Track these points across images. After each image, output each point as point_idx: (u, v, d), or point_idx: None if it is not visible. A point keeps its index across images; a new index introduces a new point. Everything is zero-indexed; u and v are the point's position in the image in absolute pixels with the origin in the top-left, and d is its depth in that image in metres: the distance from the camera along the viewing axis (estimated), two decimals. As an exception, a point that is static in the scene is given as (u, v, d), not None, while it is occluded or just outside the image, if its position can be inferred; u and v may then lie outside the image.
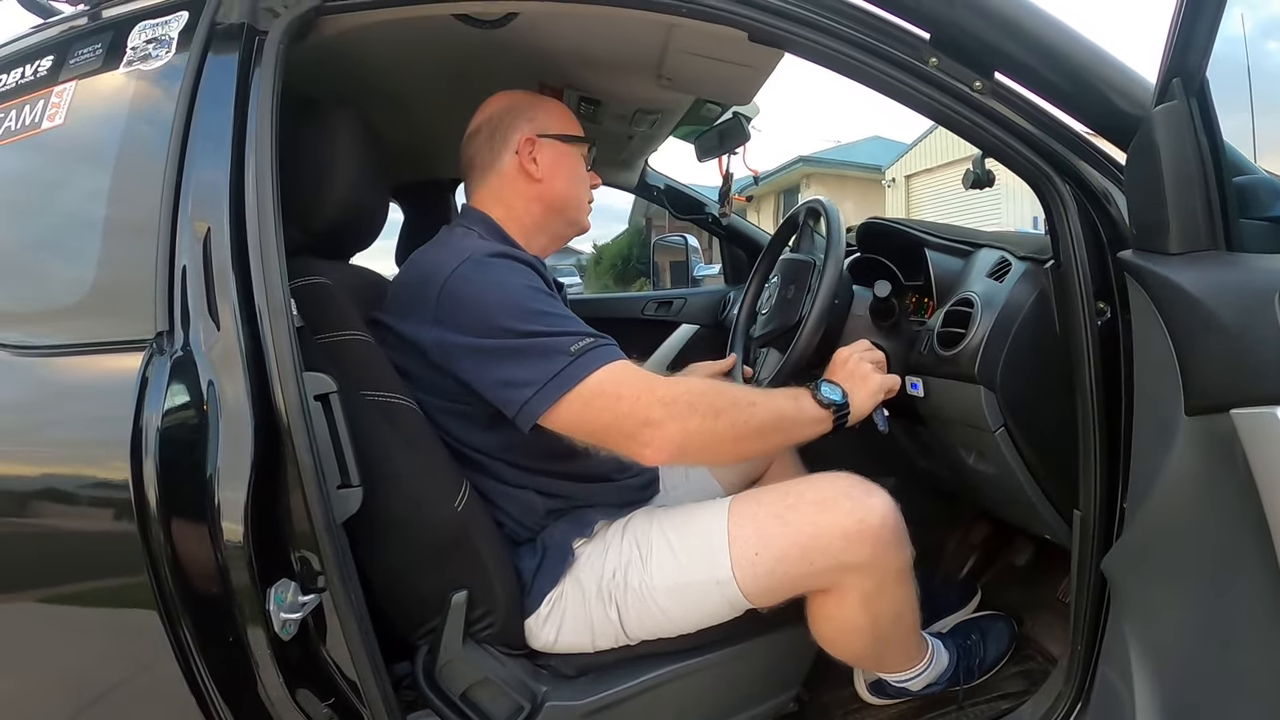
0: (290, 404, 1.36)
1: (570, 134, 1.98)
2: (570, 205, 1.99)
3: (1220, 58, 1.43)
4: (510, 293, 1.64)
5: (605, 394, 1.58)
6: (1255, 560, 1.18)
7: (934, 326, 2.01)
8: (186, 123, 1.48)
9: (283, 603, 1.33)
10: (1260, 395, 1.14)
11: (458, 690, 1.71)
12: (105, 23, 1.66)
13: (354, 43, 1.79)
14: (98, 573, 1.39)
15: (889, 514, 1.67)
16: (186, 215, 1.42)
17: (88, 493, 1.37)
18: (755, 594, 1.68)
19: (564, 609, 1.74)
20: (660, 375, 1.65)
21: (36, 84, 1.63)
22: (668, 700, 1.78)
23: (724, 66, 2.20)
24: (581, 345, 1.58)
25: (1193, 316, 1.26)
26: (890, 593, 1.72)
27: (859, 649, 1.80)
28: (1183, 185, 1.31)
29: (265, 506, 1.33)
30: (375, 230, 2.05)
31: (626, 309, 3.84)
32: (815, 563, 1.65)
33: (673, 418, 1.58)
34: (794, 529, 1.66)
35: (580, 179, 2.00)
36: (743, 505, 1.74)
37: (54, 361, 1.45)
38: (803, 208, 2.42)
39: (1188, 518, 1.36)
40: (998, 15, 1.54)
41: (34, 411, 1.46)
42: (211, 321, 1.37)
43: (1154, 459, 1.41)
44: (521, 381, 1.58)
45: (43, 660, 1.44)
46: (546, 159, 1.93)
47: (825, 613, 1.73)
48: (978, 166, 1.90)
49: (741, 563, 1.66)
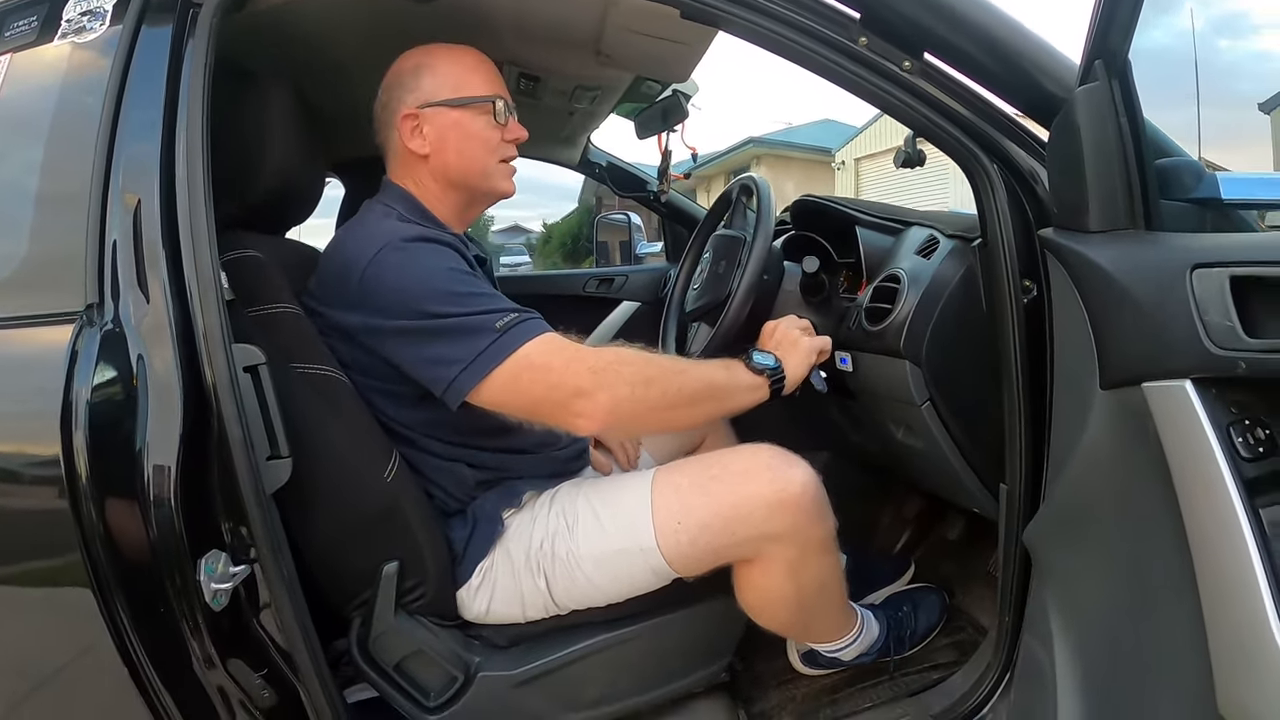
0: (219, 376, 1.36)
1: (458, 97, 1.84)
2: (472, 175, 1.88)
3: (1167, 51, 1.47)
4: (430, 276, 1.63)
5: (534, 366, 1.58)
6: (1167, 530, 1.20)
7: (863, 302, 2.04)
8: (119, 95, 1.47)
9: (213, 573, 1.33)
10: (1171, 369, 1.17)
11: (391, 661, 1.73)
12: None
13: (289, 15, 1.78)
14: (29, 548, 1.39)
15: (810, 484, 1.69)
16: (118, 188, 1.42)
17: (18, 468, 1.37)
18: (679, 563, 1.70)
19: (494, 579, 1.76)
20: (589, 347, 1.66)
21: None
22: (600, 669, 1.80)
23: (660, 44, 2.21)
24: (506, 321, 1.58)
25: (1109, 293, 1.28)
26: (814, 562, 1.74)
27: (785, 618, 1.82)
28: (1103, 165, 1.33)
29: (195, 478, 1.34)
30: (311, 204, 2.05)
31: (568, 286, 3.84)
32: (737, 532, 1.67)
33: (603, 386, 1.58)
34: (716, 499, 1.68)
35: (478, 144, 1.86)
36: (667, 476, 1.76)
37: None
38: (736, 184, 2.44)
39: (1103, 489, 1.39)
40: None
41: None
42: (141, 294, 1.37)
43: (1072, 433, 1.44)
44: (448, 360, 1.59)
45: None
46: (434, 131, 1.84)
47: (750, 582, 1.75)
48: (909, 145, 1.91)
49: (665, 532, 1.68)
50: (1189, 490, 1.16)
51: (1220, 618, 1.14)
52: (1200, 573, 1.15)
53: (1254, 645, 1.07)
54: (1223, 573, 1.12)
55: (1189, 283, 1.16)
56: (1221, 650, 1.14)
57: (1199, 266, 1.16)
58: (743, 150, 25.20)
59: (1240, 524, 1.08)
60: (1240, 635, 1.10)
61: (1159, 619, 1.25)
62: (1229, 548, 1.09)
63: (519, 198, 2.00)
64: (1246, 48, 1.74)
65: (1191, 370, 1.15)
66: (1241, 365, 1.10)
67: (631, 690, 1.86)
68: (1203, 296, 1.15)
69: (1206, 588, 1.15)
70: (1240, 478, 1.09)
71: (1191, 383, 1.15)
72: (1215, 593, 1.14)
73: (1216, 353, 1.12)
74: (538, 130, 2.00)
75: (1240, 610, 1.09)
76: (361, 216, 1.84)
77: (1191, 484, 1.15)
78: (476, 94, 1.84)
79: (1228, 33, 1.74)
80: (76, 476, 1.28)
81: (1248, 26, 1.75)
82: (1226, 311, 1.12)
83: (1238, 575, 1.08)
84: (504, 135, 1.87)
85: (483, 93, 1.84)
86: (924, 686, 2.01)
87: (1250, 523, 1.07)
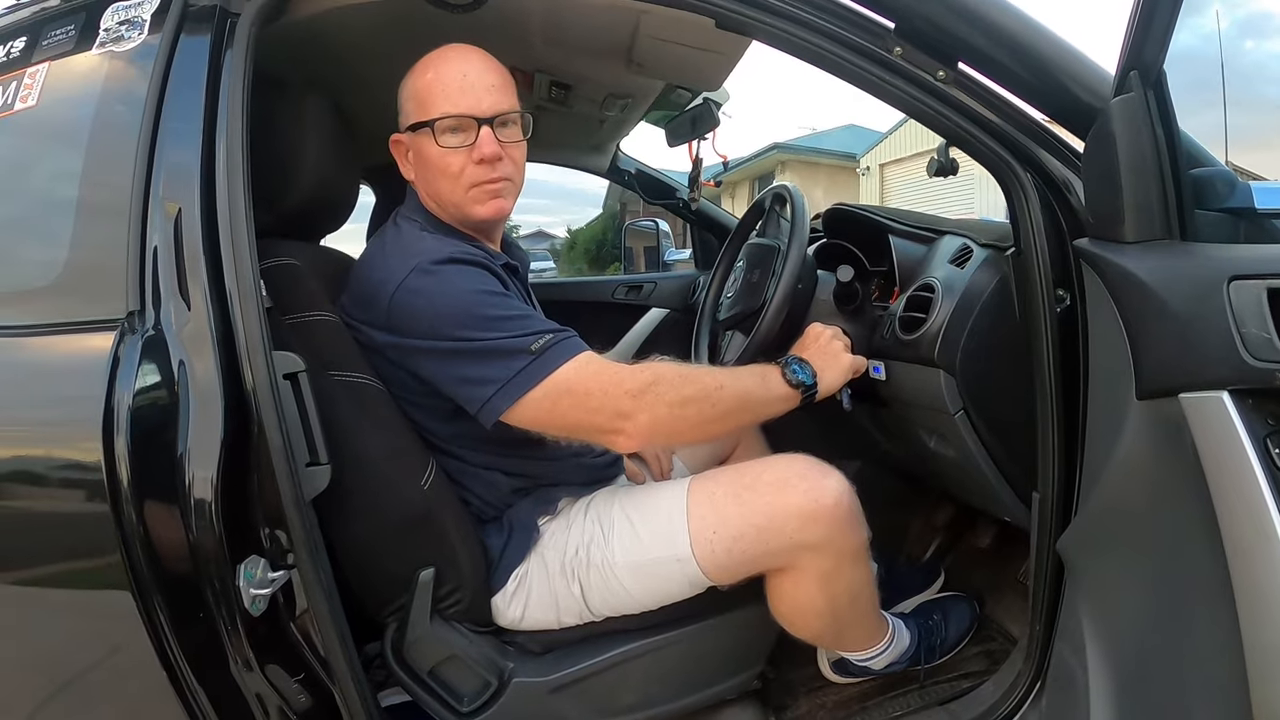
0: (259, 383, 1.38)
1: (413, 122, 1.77)
2: (446, 202, 1.81)
3: (1195, 54, 1.47)
4: (461, 300, 1.63)
5: (573, 391, 1.60)
6: (1202, 539, 1.22)
7: (896, 311, 2.05)
8: (159, 104, 1.49)
9: (252, 579, 1.35)
10: (1208, 380, 1.18)
11: (425, 667, 1.74)
12: (78, 4, 1.66)
13: (325, 25, 1.80)
14: (70, 551, 1.41)
15: (844, 495, 1.70)
16: (158, 196, 1.43)
17: (61, 472, 1.40)
18: (714, 571, 1.72)
19: (530, 586, 1.77)
20: (626, 364, 1.66)
21: (9, 65, 1.63)
22: (632, 676, 1.82)
23: (693, 52, 2.24)
24: (543, 343, 1.59)
25: (1145, 303, 1.29)
26: (847, 573, 1.75)
27: (818, 628, 1.83)
28: (1138, 175, 1.34)
29: (235, 484, 1.36)
30: (345, 212, 2.07)
31: (597, 293, 3.86)
32: (771, 542, 1.69)
33: (643, 409, 1.60)
34: (750, 509, 1.69)
35: (437, 173, 1.77)
36: (702, 485, 1.77)
37: (27, 342, 1.47)
38: (769, 193, 2.45)
39: (1138, 499, 1.40)
40: (961, 6, 1.57)
41: (5, 392, 1.47)
42: (182, 301, 1.39)
43: (1107, 442, 1.45)
44: (483, 379, 1.60)
45: (15, 642, 1.47)
46: (414, 156, 1.82)
47: (782, 591, 1.77)
48: (942, 155, 1.92)
49: (700, 541, 1.69)
50: (1226, 501, 1.17)
51: (1257, 624, 1.16)
52: (1237, 581, 1.17)
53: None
54: (1260, 581, 1.14)
55: (1226, 294, 1.18)
56: (1257, 656, 1.16)
57: (1236, 278, 1.18)
58: (767, 156, 25.23)
59: (1277, 534, 1.09)
60: (1277, 640, 1.12)
61: (1193, 627, 1.27)
62: (1266, 557, 1.11)
63: (543, 203, 2.00)
64: (1273, 49, 1.75)
65: (1228, 382, 1.17)
66: (1278, 376, 1.12)
67: (665, 697, 1.87)
68: (1240, 308, 1.17)
69: (1243, 595, 1.17)
70: (1277, 488, 1.11)
71: (1229, 394, 1.16)
72: (1252, 600, 1.16)
73: (1254, 364, 1.14)
74: (568, 138, 2.01)
75: (1277, 617, 1.11)
76: (390, 230, 1.84)
77: (1229, 494, 1.16)
78: (427, 116, 1.75)
79: (1254, 34, 1.75)
80: (118, 481, 1.30)
81: (1274, 28, 1.75)
82: (1264, 323, 1.14)
83: (1275, 583, 1.10)
84: (470, 157, 1.75)
85: (432, 114, 1.74)
86: (954, 695, 2.02)
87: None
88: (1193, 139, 1.49)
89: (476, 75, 1.75)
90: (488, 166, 1.75)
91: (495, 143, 1.74)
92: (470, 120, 1.73)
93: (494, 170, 1.76)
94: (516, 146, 1.81)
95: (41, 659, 1.48)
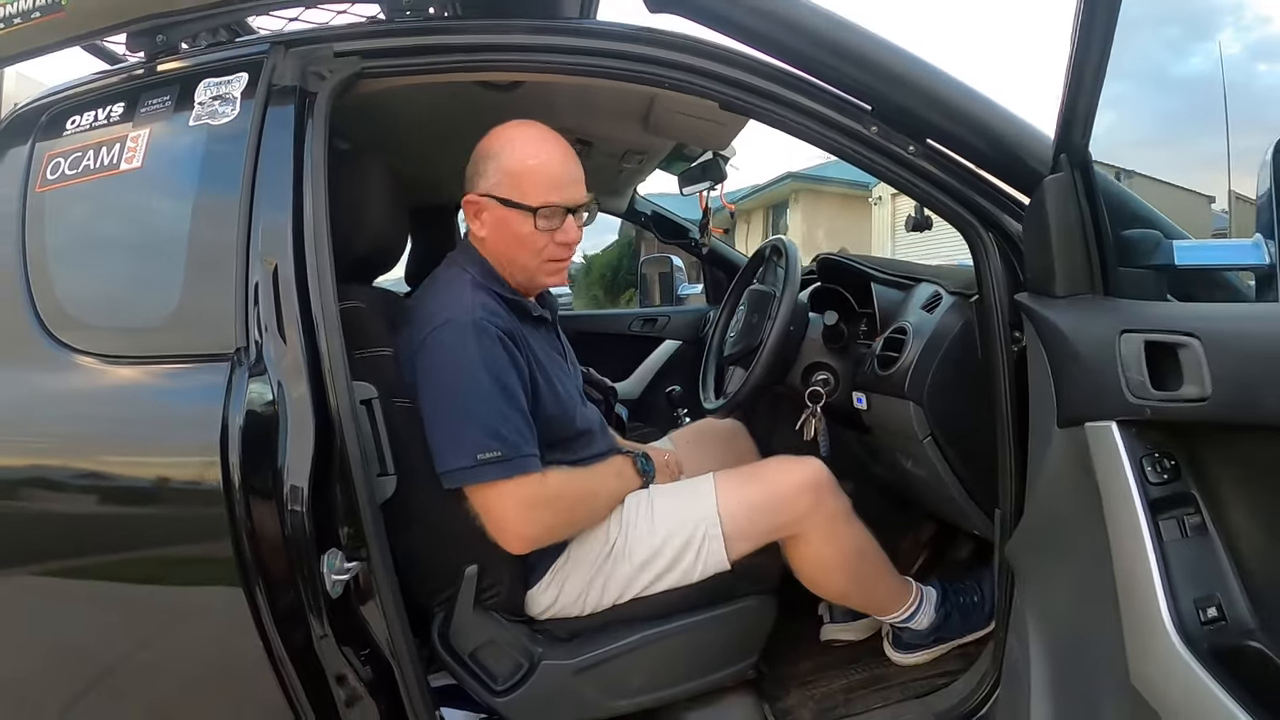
0: (343, 407, 1.61)
1: (510, 199, 1.93)
2: (516, 267, 2.00)
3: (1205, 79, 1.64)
4: (463, 371, 1.83)
5: (487, 508, 1.86)
6: (1105, 541, 1.41)
7: (875, 350, 2.29)
8: (254, 172, 1.70)
9: (332, 568, 1.58)
10: (1103, 412, 1.39)
11: (466, 650, 1.95)
12: (171, 75, 1.85)
13: (384, 99, 2.03)
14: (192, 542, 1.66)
15: (822, 471, 2.08)
16: (257, 250, 1.65)
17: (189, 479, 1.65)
18: (735, 540, 2.01)
19: (563, 580, 2.00)
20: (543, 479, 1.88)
21: (110, 127, 1.80)
22: (644, 661, 2.03)
23: (702, 122, 2.49)
24: (488, 457, 1.80)
25: (1064, 349, 1.50)
26: (844, 528, 2.09)
27: (842, 583, 2.15)
28: (1066, 242, 1.55)
29: (321, 490, 1.58)
30: (397, 255, 2.32)
31: (614, 325, 4.05)
32: (782, 512, 2.04)
33: (538, 533, 1.91)
34: (763, 486, 2.08)
35: (520, 246, 1.96)
36: (725, 475, 2.12)
37: (148, 369, 1.70)
38: (768, 244, 2.73)
39: (1062, 509, 1.60)
40: (925, 94, 1.81)
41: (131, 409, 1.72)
42: (280, 339, 1.61)
43: (1038, 462, 1.66)
44: (437, 449, 1.84)
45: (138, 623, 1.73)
46: (491, 219, 1.97)
47: (799, 554, 2.08)
48: (918, 213, 2.12)
49: (726, 513, 2.02)
50: (1111, 507, 1.38)
51: (1129, 607, 1.35)
52: (1117, 573, 1.37)
53: (1149, 627, 1.29)
54: (1131, 572, 1.34)
55: (1117, 344, 1.38)
56: (1129, 633, 1.36)
57: (1126, 331, 1.38)
58: (781, 185, 24.88)
59: (1144, 533, 1.31)
60: (1141, 618, 1.32)
61: (1101, 615, 1.43)
62: (1135, 550, 1.32)
63: None
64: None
65: (1116, 414, 1.37)
66: (1148, 411, 1.33)
67: (670, 681, 2.07)
68: (1126, 356, 1.37)
69: (1121, 584, 1.37)
70: (1147, 498, 1.32)
71: (1116, 424, 1.37)
72: (1126, 588, 1.36)
73: (1133, 401, 1.34)
74: (588, 183, 2.20)
75: (1141, 600, 1.31)
76: (440, 274, 2.06)
77: (1114, 502, 1.37)
78: (528, 203, 1.91)
79: (1267, 58, 1.84)
80: (232, 487, 1.55)
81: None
82: (1140, 369, 1.35)
83: (1142, 573, 1.30)
84: (554, 239, 1.96)
85: (534, 203, 1.91)
86: (930, 690, 2.19)
87: (1151, 532, 1.30)
88: (1140, 201, 1.72)
89: (574, 170, 1.99)
90: (566, 247, 1.99)
91: (578, 230, 1.99)
92: (562, 210, 1.95)
93: (569, 250, 2.01)
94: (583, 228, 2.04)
95: (162, 628, 1.73)
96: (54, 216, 1.78)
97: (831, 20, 1.79)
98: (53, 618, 1.73)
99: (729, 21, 1.80)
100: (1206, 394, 1.28)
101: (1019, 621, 1.79)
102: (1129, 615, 1.37)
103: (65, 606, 1.72)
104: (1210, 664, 1.24)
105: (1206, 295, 1.68)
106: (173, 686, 1.77)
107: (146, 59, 1.91)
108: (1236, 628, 1.31)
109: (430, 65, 1.91)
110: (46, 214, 1.78)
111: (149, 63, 1.90)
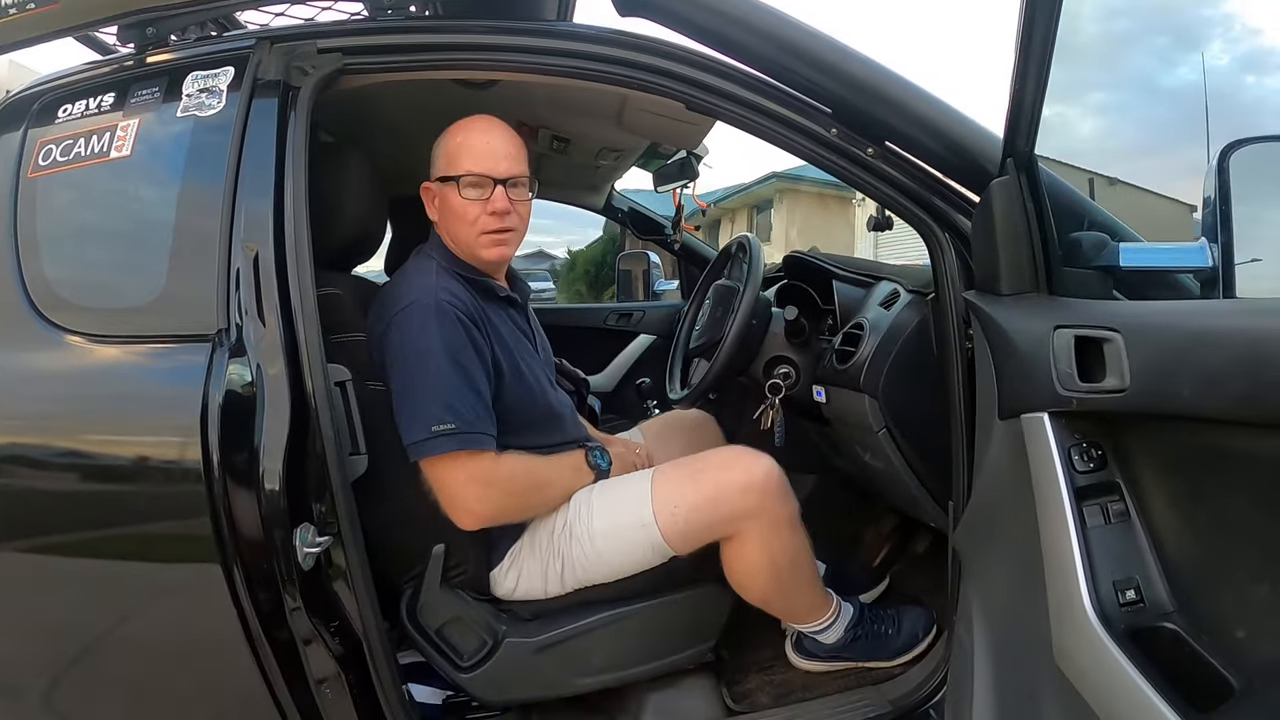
0: (318, 388, 1.68)
1: (442, 175, 2.08)
2: (461, 244, 2.10)
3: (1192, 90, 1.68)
4: (428, 349, 1.90)
5: (441, 482, 1.93)
6: (1037, 527, 1.47)
7: (834, 345, 2.36)
8: (237, 162, 1.76)
9: (305, 541, 1.64)
10: (1036, 404, 1.45)
11: (434, 626, 2.03)
12: (160, 67, 1.90)
13: (365, 94, 2.07)
14: (173, 516, 1.73)
15: (772, 472, 2.06)
16: (240, 237, 1.72)
17: (169, 456, 1.71)
18: (674, 539, 2.03)
19: (522, 561, 2.08)
20: (497, 460, 1.96)
21: (101, 116, 1.86)
22: (605, 641, 2.09)
23: (672, 122, 2.56)
24: (441, 429, 1.87)
25: (1005, 344, 1.56)
26: (784, 535, 2.07)
27: (765, 589, 2.12)
28: (1012, 242, 1.61)
29: (295, 467, 1.65)
30: (375, 245, 2.38)
31: (590, 319, 4.10)
32: (719, 511, 2.03)
33: (489, 510, 1.98)
34: (702, 484, 2.05)
35: (455, 218, 2.07)
36: (663, 470, 2.14)
37: (133, 348, 1.76)
38: (734, 241, 2.79)
39: (1000, 497, 1.66)
40: (885, 98, 1.87)
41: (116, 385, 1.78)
42: (259, 322, 1.67)
43: (982, 453, 1.72)
44: (402, 424, 1.90)
45: (117, 595, 1.78)
46: (439, 203, 2.11)
47: (732, 555, 2.08)
48: (878, 213, 2.19)
49: (662, 512, 2.03)
50: (1041, 495, 1.44)
51: (1054, 587, 1.41)
52: (1045, 556, 1.43)
53: (1070, 606, 1.35)
54: (1056, 554, 1.40)
55: (1050, 339, 1.44)
56: (1053, 613, 1.42)
57: (1059, 327, 1.44)
58: (765, 185, 24.87)
59: (1068, 518, 1.37)
60: (1063, 599, 1.38)
61: (1034, 596, 1.48)
62: (1060, 535, 1.38)
63: (546, 223, 2.18)
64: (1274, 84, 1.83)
65: (1047, 406, 1.43)
66: (1074, 402, 1.39)
67: (631, 661, 2.13)
68: (1057, 350, 1.42)
69: (1048, 566, 1.43)
70: (1073, 485, 1.38)
71: (1048, 415, 1.43)
72: (1051, 569, 1.42)
73: (1062, 393, 1.40)
74: (567, 180, 2.23)
75: (1064, 581, 1.37)
76: (411, 264, 2.13)
77: (1043, 490, 1.43)
78: (454, 172, 2.05)
79: (1255, 69, 1.86)
80: (211, 464, 1.61)
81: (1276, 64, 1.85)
82: (1069, 362, 1.40)
83: (1065, 554, 1.36)
84: (485, 209, 2.05)
85: (458, 171, 2.04)
86: (887, 678, 2.27)
87: (1075, 518, 1.37)
88: (1094, 205, 1.78)
89: (498, 144, 2.07)
90: (498, 217, 2.05)
91: (506, 199, 2.04)
92: (488, 180, 2.03)
93: (502, 221, 2.06)
94: (523, 204, 2.11)
95: (144, 599, 1.78)
96: (45, 201, 1.83)
97: (795, 26, 1.86)
98: (37, 595, 1.78)
99: (696, 25, 1.86)
100: (1125, 385, 1.34)
101: (963, 605, 1.84)
102: (1053, 597, 1.43)
103: (51, 583, 1.77)
104: (1125, 643, 1.30)
105: (1160, 298, 1.71)
106: (151, 661, 1.83)
107: (137, 50, 1.95)
108: (1154, 610, 1.37)
109: (410, 63, 1.98)
110: (38, 199, 1.83)
111: (139, 54, 1.95)
